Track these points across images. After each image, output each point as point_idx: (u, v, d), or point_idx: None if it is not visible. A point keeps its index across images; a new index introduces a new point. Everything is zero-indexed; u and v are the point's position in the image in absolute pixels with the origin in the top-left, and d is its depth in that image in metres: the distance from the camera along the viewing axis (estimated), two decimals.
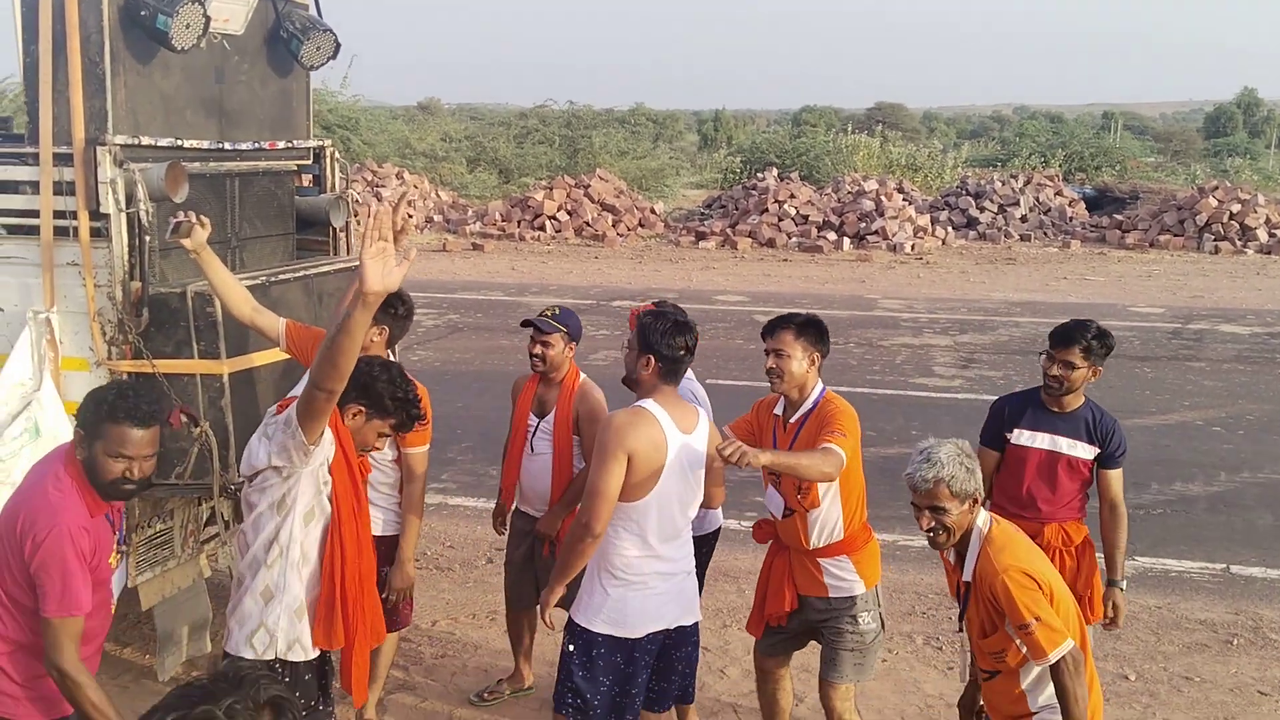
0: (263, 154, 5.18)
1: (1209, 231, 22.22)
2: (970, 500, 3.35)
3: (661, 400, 3.61)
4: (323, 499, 3.42)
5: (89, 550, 3.04)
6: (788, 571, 4.15)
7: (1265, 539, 7.22)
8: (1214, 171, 34.05)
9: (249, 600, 3.43)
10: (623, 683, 3.63)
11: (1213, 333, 14.11)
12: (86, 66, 4.27)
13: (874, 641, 4.13)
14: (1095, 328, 4.35)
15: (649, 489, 3.54)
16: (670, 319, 3.64)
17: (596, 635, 3.61)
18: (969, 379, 11.51)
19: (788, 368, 3.99)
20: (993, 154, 36.52)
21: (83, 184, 4.29)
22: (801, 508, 4.01)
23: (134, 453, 3.06)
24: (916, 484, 3.36)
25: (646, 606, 3.60)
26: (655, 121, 44.57)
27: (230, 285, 4.15)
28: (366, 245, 2.92)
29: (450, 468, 8.48)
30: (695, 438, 3.65)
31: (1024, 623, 3.19)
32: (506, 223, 23.62)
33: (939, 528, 3.35)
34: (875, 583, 4.13)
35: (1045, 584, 3.26)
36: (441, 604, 6.06)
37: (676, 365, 3.63)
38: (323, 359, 3.05)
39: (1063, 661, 3.18)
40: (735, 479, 7.88)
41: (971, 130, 62.11)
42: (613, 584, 3.59)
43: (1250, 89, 61.78)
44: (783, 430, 4.10)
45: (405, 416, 3.55)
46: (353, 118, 29.49)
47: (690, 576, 3.78)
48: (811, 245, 21.78)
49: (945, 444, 3.39)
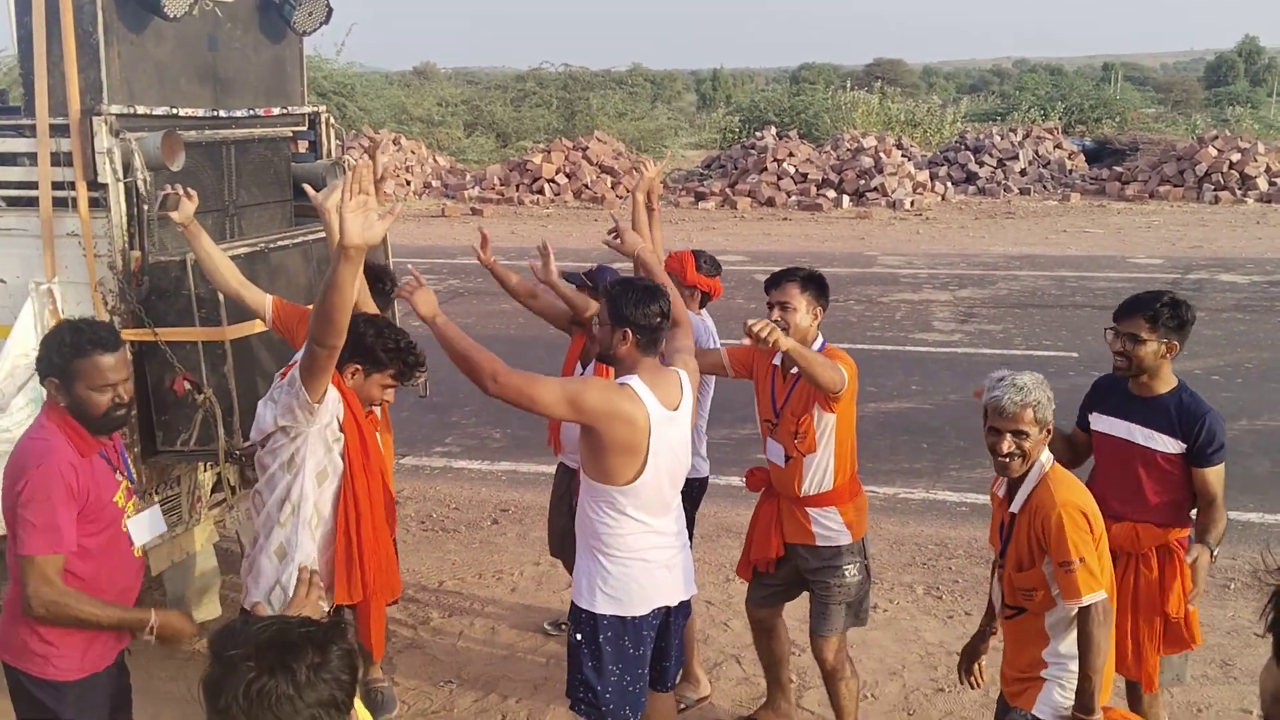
0: (258, 121, 5.19)
1: (1209, 181, 22.14)
2: (1047, 430, 3.31)
3: (646, 375, 3.44)
4: (334, 457, 3.46)
5: (80, 488, 3.04)
6: (776, 518, 4.20)
7: (1262, 485, 7.28)
8: (1215, 121, 33.86)
9: (264, 559, 3.49)
10: (632, 667, 3.55)
11: (1212, 282, 14.12)
12: (80, 37, 4.28)
13: (859, 592, 4.18)
14: (1166, 296, 3.82)
15: (638, 469, 3.41)
16: (639, 286, 3.48)
17: (600, 618, 3.51)
18: (968, 333, 11.54)
19: (793, 320, 4.01)
20: (992, 108, 36.35)
21: (80, 154, 4.31)
22: (799, 453, 4.06)
23: (114, 378, 3.09)
24: (1004, 406, 3.28)
25: (648, 583, 3.51)
26: (653, 82, 44.35)
27: (217, 259, 4.13)
28: (346, 199, 2.91)
29: (453, 431, 8.55)
30: (681, 412, 3.51)
31: (1068, 560, 3.16)
32: (505, 187, 23.56)
33: (1018, 452, 3.30)
34: (861, 535, 4.18)
35: (1097, 529, 3.24)
36: (448, 565, 6.14)
37: (655, 334, 3.45)
38: (318, 317, 3.08)
39: (1094, 608, 3.17)
40: (735, 437, 7.96)
41: (971, 84, 61.69)
42: (612, 563, 3.49)
43: (1252, 37, 61.27)
44: (782, 381, 4.14)
45: (402, 364, 3.59)
46: (348, 84, 29.35)
47: (685, 549, 3.70)
48: (811, 203, 21.73)
49: (1025, 374, 3.34)
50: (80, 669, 3.17)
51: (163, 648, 3.33)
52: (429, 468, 7.83)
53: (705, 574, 5.87)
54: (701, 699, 4.73)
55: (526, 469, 7.70)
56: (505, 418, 8.72)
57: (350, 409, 3.49)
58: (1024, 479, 3.33)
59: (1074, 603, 3.19)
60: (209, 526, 5.03)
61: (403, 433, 8.19)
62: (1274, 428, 8.39)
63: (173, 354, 4.43)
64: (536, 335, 11.46)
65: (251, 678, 1.64)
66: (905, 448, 8.09)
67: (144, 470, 4.54)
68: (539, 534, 6.54)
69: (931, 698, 4.77)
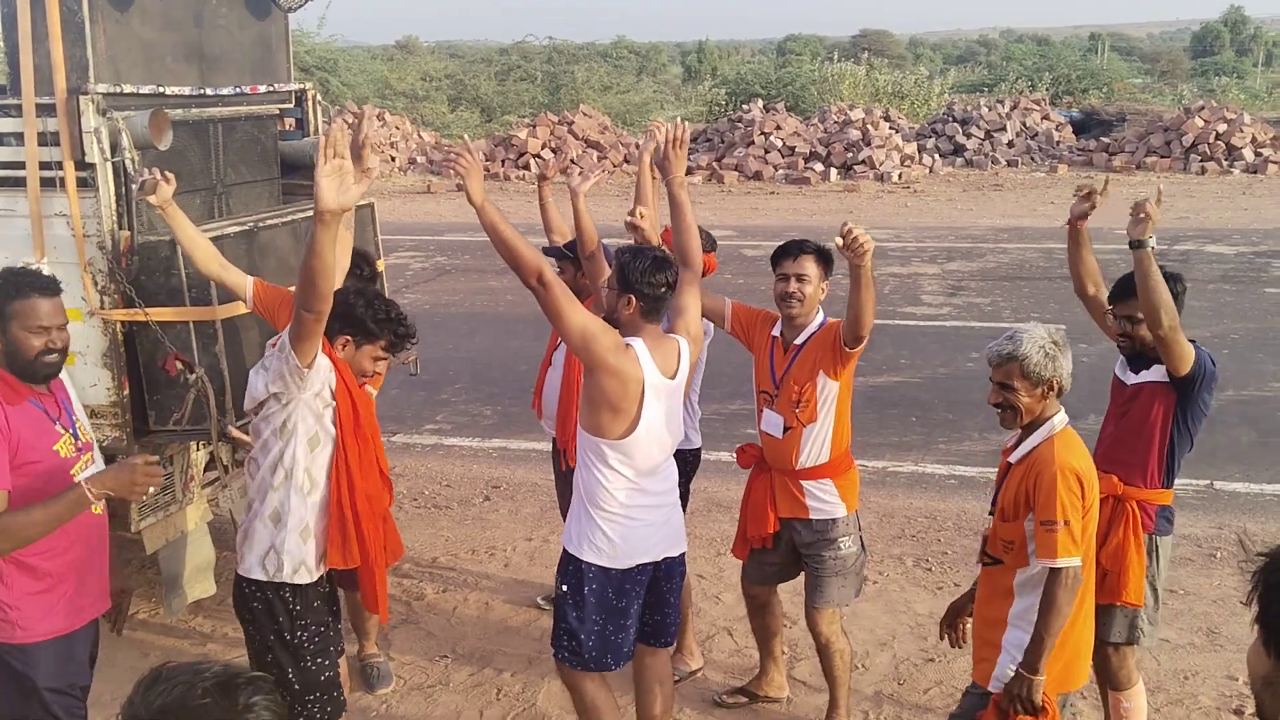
0: (244, 99, 5.17)
1: (1195, 152, 22.18)
2: (1044, 386, 3.28)
3: (648, 340, 3.59)
4: (326, 423, 3.47)
5: (6, 427, 3.08)
6: (769, 493, 4.23)
7: (1248, 454, 7.35)
8: (1201, 91, 33.90)
9: (258, 524, 3.51)
10: (615, 618, 3.66)
11: (1199, 253, 14.18)
12: (65, 15, 4.25)
13: (855, 564, 4.22)
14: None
15: (628, 428, 3.54)
16: (649, 256, 3.60)
17: (587, 567, 3.64)
18: (957, 306, 11.58)
19: (808, 292, 4.07)
20: (980, 79, 36.32)
21: (67, 134, 4.29)
22: (799, 423, 4.09)
23: (49, 322, 3.14)
24: (991, 358, 3.33)
25: (634, 539, 3.62)
26: (638, 54, 44.12)
27: (197, 241, 4.13)
28: (321, 163, 2.92)
29: (444, 408, 8.56)
30: (676, 380, 3.64)
31: (1052, 519, 3.17)
32: (490, 162, 23.45)
33: (1005, 405, 3.32)
34: (854, 508, 4.22)
35: (1089, 498, 3.25)
36: (441, 541, 6.17)
37: (658, 303, 3.60)
38: (302, 283, 3.10)
39: (1064, 573, 3.18)
40: (726, 412, 7.99)
41: (958, 55, 61.50)
42: (601, 516, 3.62)
43: (1237, 6, 61.18)
44: (782, 353, 4.17)
45: (393, 335, 3.60)
46: (331, 59, 29.20)
47: (675, 508, 3.81)
48: (798, 177, 21.70)
49: (1036, 327, 3.34)
50: (48, 630, 3.22)
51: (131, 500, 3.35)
52: (420, 445, 7.84)
53: (696, 548, 5.91)
54: (694, 671, 4.78)
55: (517, 446, 7.72)
56: (496, 395, 8.74)
57: (341, 377, 3.50)
58: (1032, 434, 3.34)
59: (1047, 561, 3.19)
60: (202, 505, 5.04)
61: (393, 410, 8.22)
62: (1260, 398, 8.47)
63: (164, 334, 4.42)
64: (523, 313, 11.47)
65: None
66: (894, 421, 8.14)
67: (136, 449, 4.55)
68: (530, 510, 6.58)
69: (921, 668, 4.82)
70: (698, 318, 3.85)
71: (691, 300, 3.82)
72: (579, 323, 3.42)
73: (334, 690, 3.63)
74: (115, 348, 4.47)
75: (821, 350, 4.06)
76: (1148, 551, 3.95)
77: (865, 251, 3.66)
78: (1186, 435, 3.92)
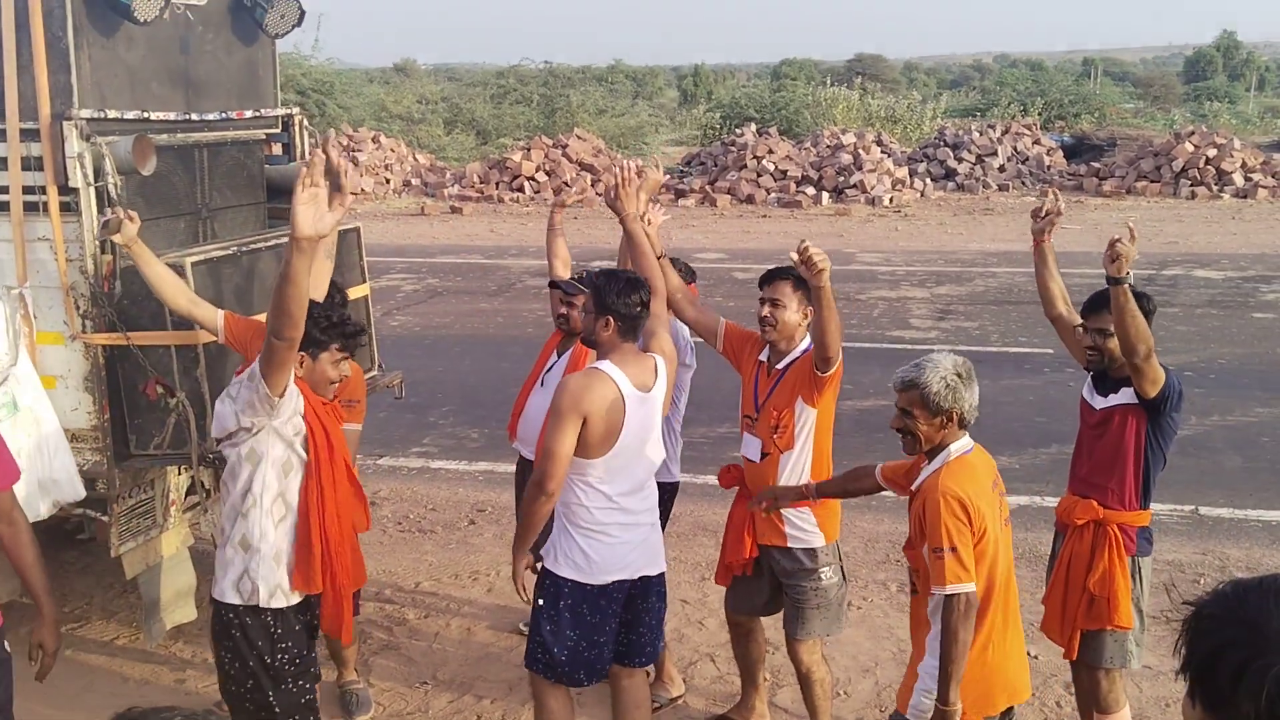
0: (230, 123, 5.19)
1: (1185, 177, 22.30)
2: (943, 416, 3.30)
3: (620, 359, 3.66)
4: (298, 448, 3.46)
5: None
6: (748, 520, 4.23)
7: (1233, 480, 7.36)
8: (1193, 116, 34.07)
9: (229, 549, 3.51)
10: (589, 634, 3.71)
11: (1187, 278, 14.24)
12: (50, 41, 4.28)
13: (836, 595, 4.21)
14: None
15: (608, 447, 3.62)
16: (623, 278, 3.69)
17: (563, 582, 3.70)
18: (945, 330, 11.61)
19: (782, 317, 4.10)
20: (973, 104, 36.44)
21: (50, 159, 4.31)
22: (777, 449, 4.11)
23: None
24: (894, 383, 3.37)
25: (610, 556, 3.69)
26: (633, 79, 44.33)
27: (165, 278, 4.14)
28: (298, 190, 2.92)
29: (431, 431, 8.55)
30: (654, 394, 3.72)
31: (939, 546, 3.20)
32: (485, 185, 23.53)
33: (904, 431, 3.36)
34: (834, 538, 4.22)
35: (976, 523, 3.25)
36: (424, 566, 6.16)
37: (635, 323, 3.68)
38: (274, 310, 3.09)
39: (956, 599, 3.18)
40: (713, 436, 8.00)
41: (952, 80, 61.86)
42: (578, 533, 3.69)
43: (1229, 32, 61.59)
44: (766, 376, 4.19)
45: (342, 336, 3.57)
46: (327, 81, 29.29)
47: (654, 528, 3.86)
48: (790, 200, 21.79)
49: (944, 357, 3.37)
50: None
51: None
52: (406, 468, 7.84)
53: (680, 573, 5.91)
54: (675, 698, 4.76)
55: (503, 469, 7.69)
56: (484, 418, 8.73)
57: (310, 402, 3.49)
58: (932, 461, 3.37)
59: (939, 589, 3.21)
60: (183, 530, 5.03)
61: (380, 433, 8.21)
62: (1246, 423, 8.49)
63: (145, 358, 4.43)
64: (514, 335, 11.50)
65: None
66: (880, 445, 8.12)
67: (116, 474, 4.55)
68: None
69: None
70: (668, 343, 3.91)
71: (660, 326, 3.90)
72: (566, 443, 3.55)
73: (313, 713, 3.63)
74: (97, 372, 4.48)
75: (800, 376, 4.08)
76: (1131, 574, 3.97)
77: (821, 269, 3.73)
78: (1160, 455, 3.96)
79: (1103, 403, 4.01)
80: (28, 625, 3.47)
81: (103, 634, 5.28)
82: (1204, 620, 1.38)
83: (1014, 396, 8.64)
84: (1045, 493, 6.97)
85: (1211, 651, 1.35)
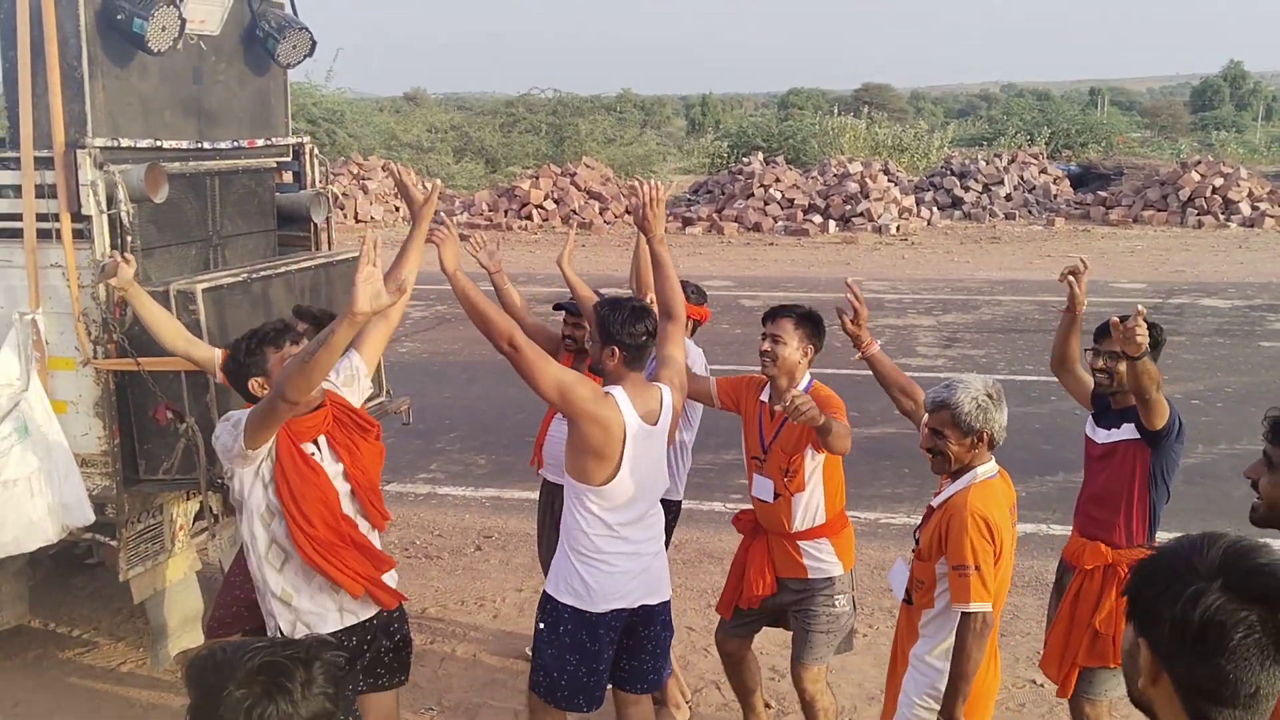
0: (242, 152, 5.26)
1: (1192, 206, 22.32)
2: (974, 436, 3.35)
3: (628, 387, 3.66)
4: (271, 495, 3.43)
5: None
6: (767, 555, 4.22)
7: (1239, 509, 7.25)
8: (1200, 146, 34.15)
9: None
10: (589, 661, 3.71)
11: (1193, 307, 14.24)
12: (65, 70, 4.35)
13: (846, 622, 4.23)
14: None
15: (609, 474, 3.61)
16: (627, 307, 3.69)
17: (563, 608, 3.71)
18: (951, 358, 11.62)
19: (782, 353, 4.10)
20: (980, 133, 36.58)
21: (64, 187, 4.37)
22: (788, 491, 4.11)
23: None
24: (926, 403, 3.44)
25: (609, 584, 3.68)
26: (642, 108, 44.52)
27: (162, 320, 4.18)
28: (359, 268, 3.05)
29: (439, 457, 8.57)
30: (660, 425, 3.70)
31: (964, 564, 3.23)
32: (493, 212, 23.66)
33: (935, 450, 3.40)
34: (850, 566, 4.24)
35: (999, 545, 3.30)
36: (431, 592, 6.17)
37: (640, 352, 3.68)
38: (295, 371, 3.11)
39: (974, 618, 3.23)
40: (719, 463, 8.01)
41: (959, 109, 62.10)
42: (579, 560, 3.69)
43: (1236, 61, 61.73)
44: (769, 418, 4.19)
45: (275, 333, 3.55)
46: (338, 110, 29.49)
47: (658, 557, 3.84)
48: (797, 229, 21.85)
49: (975, 379, 3.42)
50: None
51: None
52: (413, 494, 7.85)
53: (687, 600, 5.91)
54: None
55: (510, 495, 7.73)
56: (491, 444, 8.76)
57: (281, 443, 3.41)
58: (956, 481, 3.41)
59: (960, 606, 3.25)
60: (191, 555, 5.06)
61: (388, 459, 8.11)
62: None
63: (155, 383, 4.47)
64: None
65: (249, 704, 1.68)
66: (887, 473, 8.14)
67: (125, 499, 4.57)
68: (521, 560, 6.58)
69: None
70: (682, 368, 3.90)
71: (675, 350, 3.89)
72: (554, 378, 3.53)
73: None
74: (107, 397, 4.51)
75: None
76: None
77: (808, 420, 3.66)
78: (1164, 488, 3.97)
79: (1105, 437, 4.04)
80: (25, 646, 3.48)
81: (110, 659, 5.29)
82: (1149, 561, 1.59)
83: (1020, 424, 8.69)
84: (1051, 520, 6.96)
85: (1148, 577, 1.56)
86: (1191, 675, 1.50)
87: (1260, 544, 1.57)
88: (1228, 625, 1.47)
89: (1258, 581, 1.50)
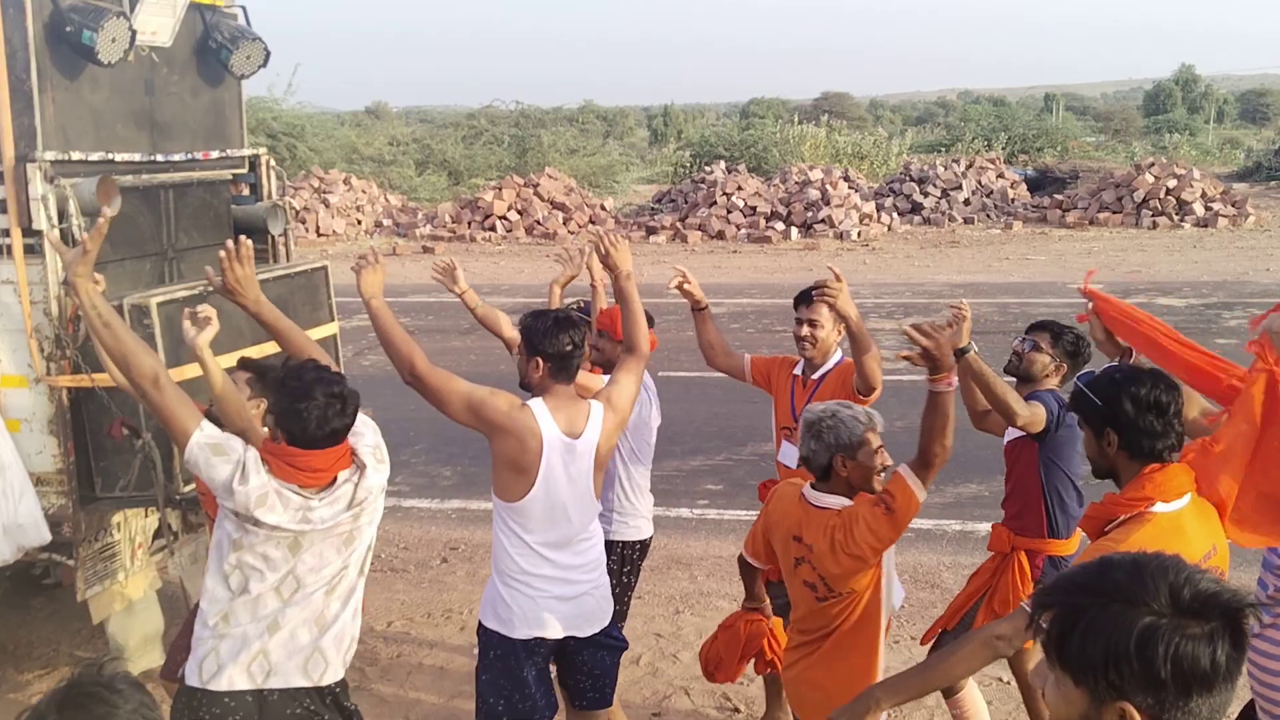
0: (196, 164, 5.21)
1: (1146, 207, 22.65)
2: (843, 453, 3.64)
3: (551, 400, 3.53)
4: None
5: None
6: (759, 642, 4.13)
7: None
8: (1154, 148, 34.66)
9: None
10: (519, 687, 3.59)
11: (1150, 306, 14.40)
12: (13, 84, 4.29)
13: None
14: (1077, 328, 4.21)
15: (525, 489, 3.49)
16: (550, 317, 3.57)
17: (490, 634, 3.62)
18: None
19: (820, 335, 4.35)
20: (938, 139, 36.94)
21: (14, 201, 4.31)
22: None
23: None
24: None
25: (530, 608, 3.56)
26: (604, 119, 44.65)
27: (230, 395, 4.00)
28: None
29: (404, 470, 8.51)
30: (584, 440, 3.54)
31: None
32: (457, 224, 23.59)
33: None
34: None
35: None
36: (397, 604, 6.11)
37: (565, 363, 3.54)
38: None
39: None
40: (687, 469, 8.01)
41: (917, 116, 62.64)
42: (501, 581, 3.60)
43: (1188, 65, 62.72)
44: (802, 388, 4.38)
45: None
46: (298, 124, 29.30)
47: (595, 588, 3.69)
48: (760, 236, 21.96)
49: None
50: None
51: None
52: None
53: (655, 606, 5.89)
54: None
55: (476, 506, 7.68)
56: (456, 456, 8.71)
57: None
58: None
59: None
60: (150, 573, 4.99)
61: None
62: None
63: (110, 399, 4.41)
64: (487, 372, 11.46)
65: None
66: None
67: (82, 517, 4.50)
68: (488, 572, 6.49)
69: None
70: (629, 395, 3.74)
71: (626, 378, 3.74)
72: (462, 397, 3.48)
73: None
74: (61, 414, 4.44)
75: (839, 385, 4.20)
76: None
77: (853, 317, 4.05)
78: (1067, 480, 4.10)
79: (1009, 436, 4.22)
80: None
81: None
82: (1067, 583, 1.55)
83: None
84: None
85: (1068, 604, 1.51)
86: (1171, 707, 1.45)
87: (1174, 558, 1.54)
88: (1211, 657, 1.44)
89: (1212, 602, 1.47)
